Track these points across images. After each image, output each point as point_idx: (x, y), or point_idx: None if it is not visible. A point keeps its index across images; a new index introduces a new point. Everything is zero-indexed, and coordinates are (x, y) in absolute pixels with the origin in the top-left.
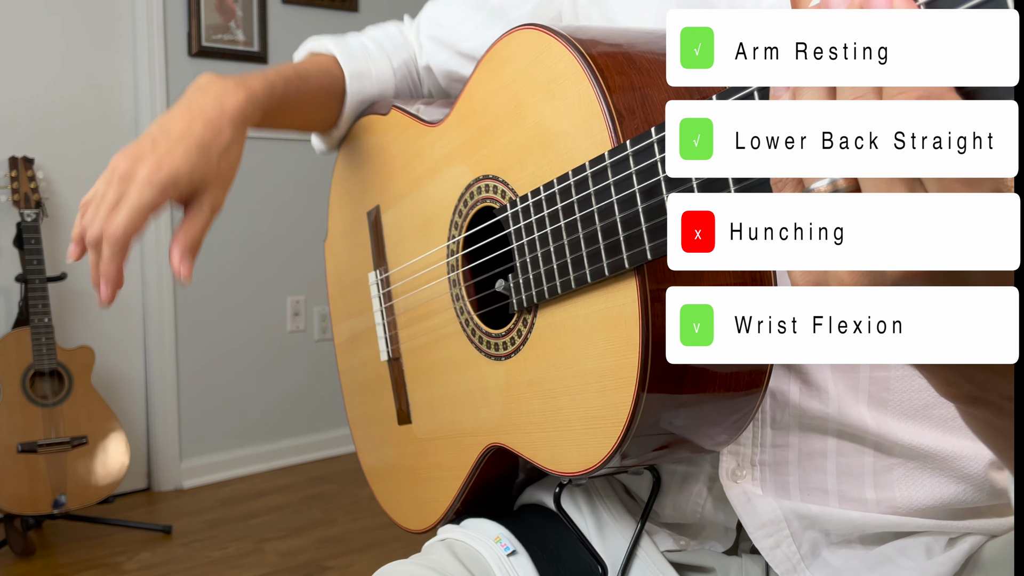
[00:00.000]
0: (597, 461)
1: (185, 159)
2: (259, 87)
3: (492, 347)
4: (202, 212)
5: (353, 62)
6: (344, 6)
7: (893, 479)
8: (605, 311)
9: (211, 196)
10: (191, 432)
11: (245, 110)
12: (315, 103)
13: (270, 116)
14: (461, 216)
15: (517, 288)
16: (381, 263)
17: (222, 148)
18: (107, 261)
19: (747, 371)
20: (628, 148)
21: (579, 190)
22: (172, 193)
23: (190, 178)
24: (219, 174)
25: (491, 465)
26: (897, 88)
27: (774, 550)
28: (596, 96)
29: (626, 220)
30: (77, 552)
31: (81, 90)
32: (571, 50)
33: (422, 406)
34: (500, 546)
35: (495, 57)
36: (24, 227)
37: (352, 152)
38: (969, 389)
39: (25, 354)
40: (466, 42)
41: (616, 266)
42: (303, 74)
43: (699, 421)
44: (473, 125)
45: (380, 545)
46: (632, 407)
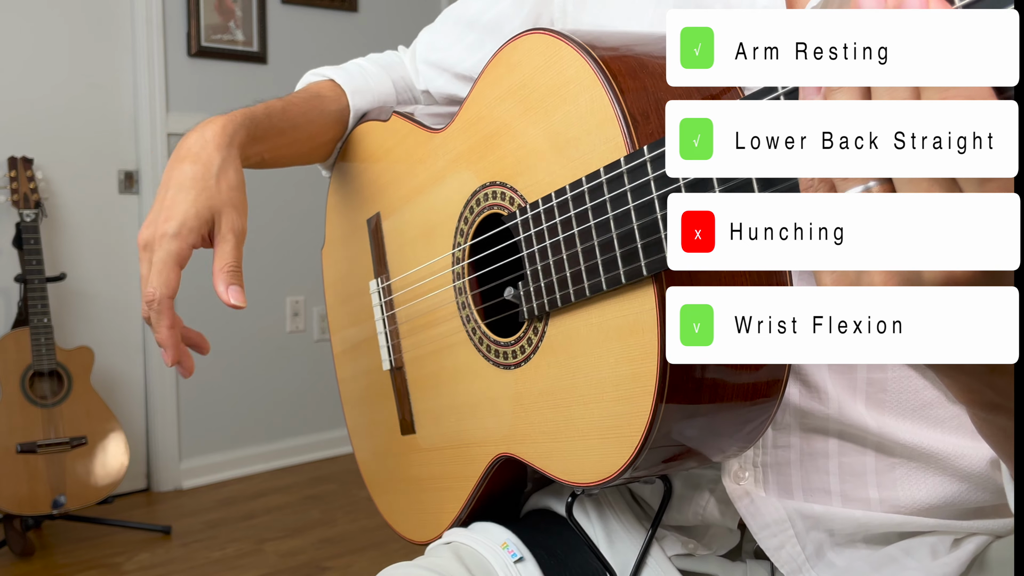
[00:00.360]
0: (614, 471)
1: (186, 200)
2: (238, 111)
3: (501, 356)
4: (224, 239)
5: (351, 80)
6: (344, 6)
7: (895, 478)
8: (621, 319)
9: (227, 221)
10: (190, 432)
11: (226, 130)
12: (308, 123)
13: (259, 139)
14: (467, 223)
15: (527, 296)
16: (382, 271)
17: (216, 173)
18: (155, 326)
19: (764, 381)
20: (646, 153)
21: (593, 197)
22: (190, 238)
23: (198, 214)
24: (225, 198)
25: (499, 475)
26: (897, 88)
27: (779, 550)
28: (610, 101)
29: (644, 227)
30: (76, 553)
31: (80, 90)
32: (582, 54)
33: (426, 416)
34: (507, 552)
35: (502, 62)
36: (23, 227)
37: (350, 159)
38: (991, 396)
39: (24, 354)
40: (462, 63)
41: (633, 273)
42: (288, 99)
43: (716, 429)
44: (479, 131)
45: (380, 545)
46: (651, 416)
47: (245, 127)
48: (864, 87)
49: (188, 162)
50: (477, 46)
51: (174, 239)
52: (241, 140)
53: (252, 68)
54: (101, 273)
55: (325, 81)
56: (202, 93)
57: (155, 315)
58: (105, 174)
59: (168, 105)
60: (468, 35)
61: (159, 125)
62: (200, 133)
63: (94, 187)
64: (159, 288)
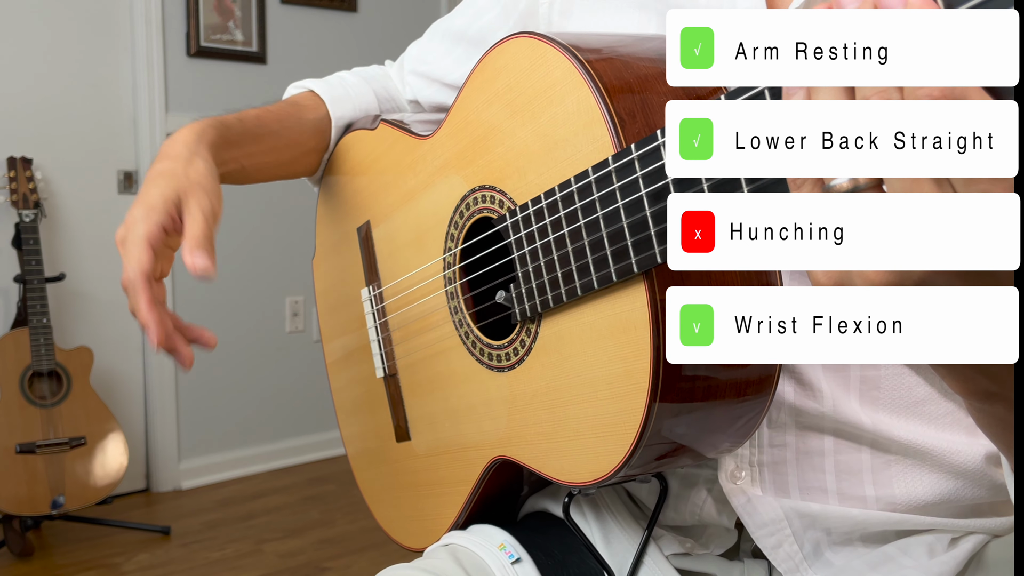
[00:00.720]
0: (610, 469)
1: (154, 187)
2: (209, 117)
3: (494, 359)
4: (191, 215)
5: (330, 90)
6: (343, 6)
7: (891, 476)
8: (613, 317)
9: (195, 200)
10: (190, 433)
11: (194, 129)
12: (284, 129)
13: (233, 143)
14: (457, 228)
15: (519, 298)
16: (374, 279)
17: (184, 164)
18: (135, 305)
19: (756, 377)
20: (633, 152)
21: (582, 196)
22: (155, 216)
23: (162, 195)
24: (191, 182)
25: (496, 478)
26: (897, 88)
27: (776, 549)
28: (596, 101)
29: (633, 225)
30: (75, 553)
31: (80, 90)
32: (568, 56)
33: (421, 422)
34: (504, 553)
35: (488, 67)
36: (22, 227)
37: (338, 169)
38: (986, 384)
39: (23, 355)
40: (451, 75)
41: (624, 271)
42: (264, 108)
43: (710, 425)
44: (467, 136)
45: (379, 546)
46: (645, 412)
47: (215, 128)
48: (864, 87)
49: (159, 161)
50: (465, 58)
51: (142, 222)
52: (211, 139)
53: (251, 68)
54: (100, 273)
55: (304, 92)
56: (201, 93)
57: (132, 294)
58: (104, 174)
59: (167, 105)
60: (456, 48)
61: (158, 125)
62: (173, 138)
63: (93, 187)
64: (131, 266)
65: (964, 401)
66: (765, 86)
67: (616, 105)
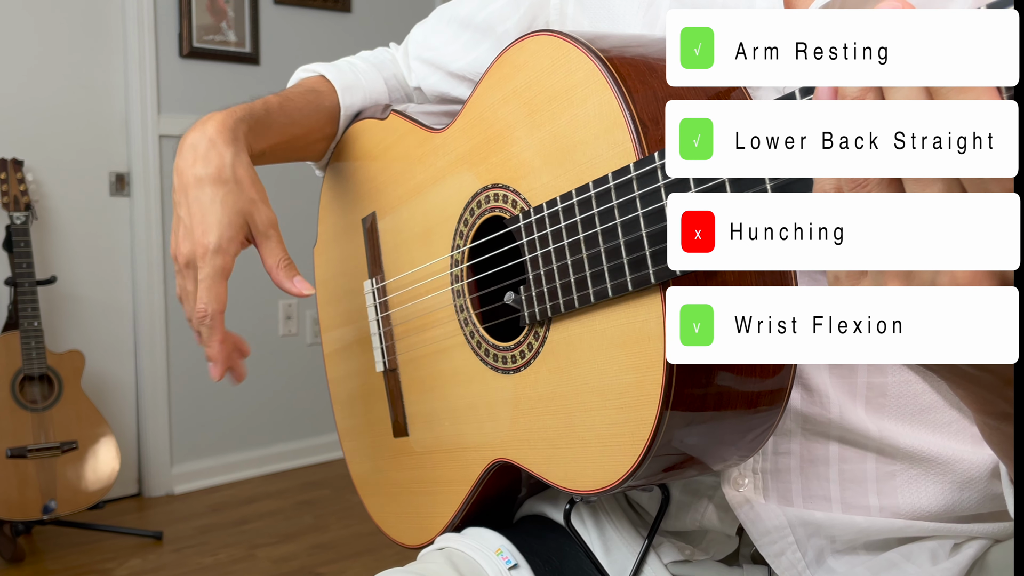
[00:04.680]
0: (615, 480)
1: (214, 209)
2: (236, 106)
3: (500, 360)
4: (266, 236)
5: (341, 76)
6: (337, 7)
7: (896, 485)
8: (626, 326)
9: (260, 218)
10: (182, 437)
11: (227, 124)
12: (304, 118)
13: (261, 134)
14: (467, 225)
15: (529, 301)
16: (377, 271)
17: (231, 167)
18: (207, 341)
19: (768, 389)
20: (656, 160)
21: (600, 202)
22: (232, 248)
23: (231, 222)
24: (249, 195)
25: (494, 481)
26: (897, 88)
27: (779, 557)
28: (619, 105)
29: (652, 235)
30: (67, 558)
31: (71, 91)
32: (591, 57)
33: (420, 419)
34: (501, 559)
35: (507, 63)
36: (13, 230)
37: (346, 157)
38: (1003, 407)
39: (14, 358)
40: (456, 62)
41: (640, 281)
42: (285, 94)
43: (719, 438)
44: (482, 132)
45: (373, 551)
46: (655, 425)
47: (246, 121)
48: (864, 87)
49: (200, 163)
50: (471, 46)
51: (218, 254)
52: (244, 133)
53: (244, 69)
54: (92, 276)
55: (317, 77)
56: (194, 94)
57: (207, 331)
58: (96, 176)
59: (160, 106)
60: (462, 34)
61: (151, 127)
62: (202, 131)
63: (85, 189)
64: (211, 303)
65: (976, 418)
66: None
67: (639, 110)
